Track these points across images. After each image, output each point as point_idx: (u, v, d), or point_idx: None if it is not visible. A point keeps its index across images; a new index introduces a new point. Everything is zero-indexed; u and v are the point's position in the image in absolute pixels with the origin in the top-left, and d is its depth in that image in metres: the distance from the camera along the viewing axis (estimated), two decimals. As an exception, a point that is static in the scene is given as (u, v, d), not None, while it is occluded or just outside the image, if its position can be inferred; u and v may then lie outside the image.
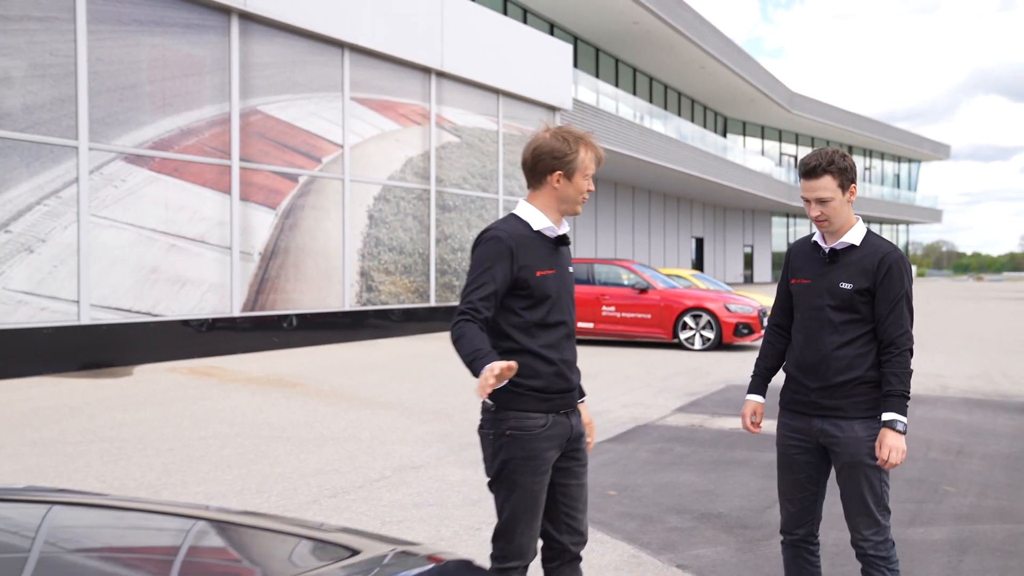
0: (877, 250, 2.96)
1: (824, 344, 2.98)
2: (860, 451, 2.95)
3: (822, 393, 3.00)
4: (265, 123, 12.95)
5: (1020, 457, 6.49)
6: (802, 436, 3.09)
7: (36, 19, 10.05)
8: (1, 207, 9.74)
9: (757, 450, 6.60)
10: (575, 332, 2.88)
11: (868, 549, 3.00)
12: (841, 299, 2.95)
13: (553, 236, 2.80)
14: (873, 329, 2.96)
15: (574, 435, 2.83)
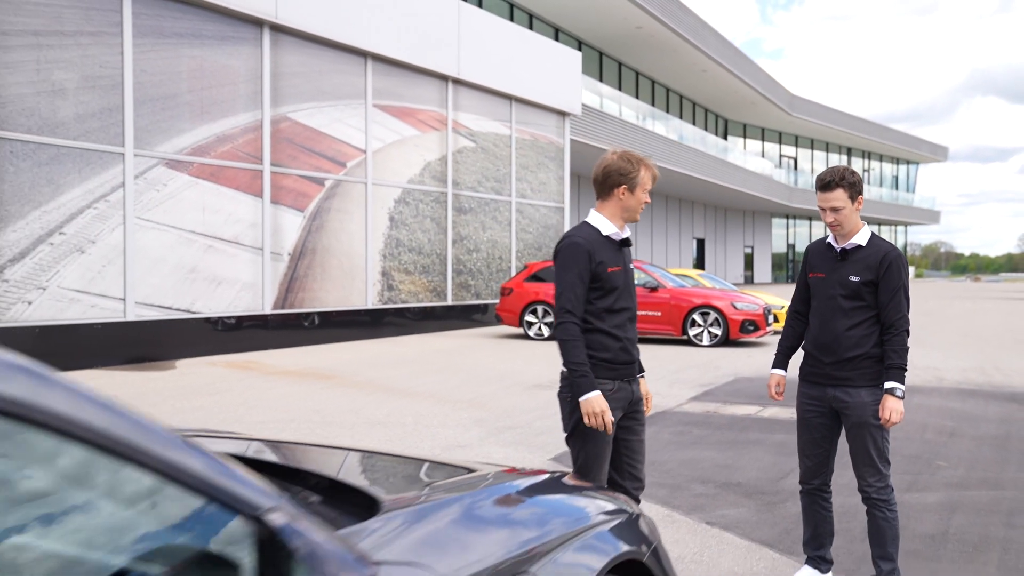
0: (879, 249, 3.61)
1: (837, 326, 3.63)
2: (866, 413, 3.60)
3: (835, 366, 3.64)
4: (294, 129, 13.60)
5: (1006, 438, 7.14)
6: (818, 402, 3.74)
7: (88, 34, 10.70)
8: (56, 210, 10.39)
9: (768, 432, 7.25)
10: (636, 317, 3.53)
11: (872, 493, 3.65)
12: (850, 290, 3.60)
13: (618, 239, 3.45)
14: (877, 314, 3.61)
15: (634, 399, 3.49)
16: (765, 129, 55.56)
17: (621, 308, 3.42)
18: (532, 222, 19.62)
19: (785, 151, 57.96)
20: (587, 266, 3.35)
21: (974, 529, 4.71)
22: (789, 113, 49.24)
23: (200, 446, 1.43)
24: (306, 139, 13.84)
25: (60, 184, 10.45)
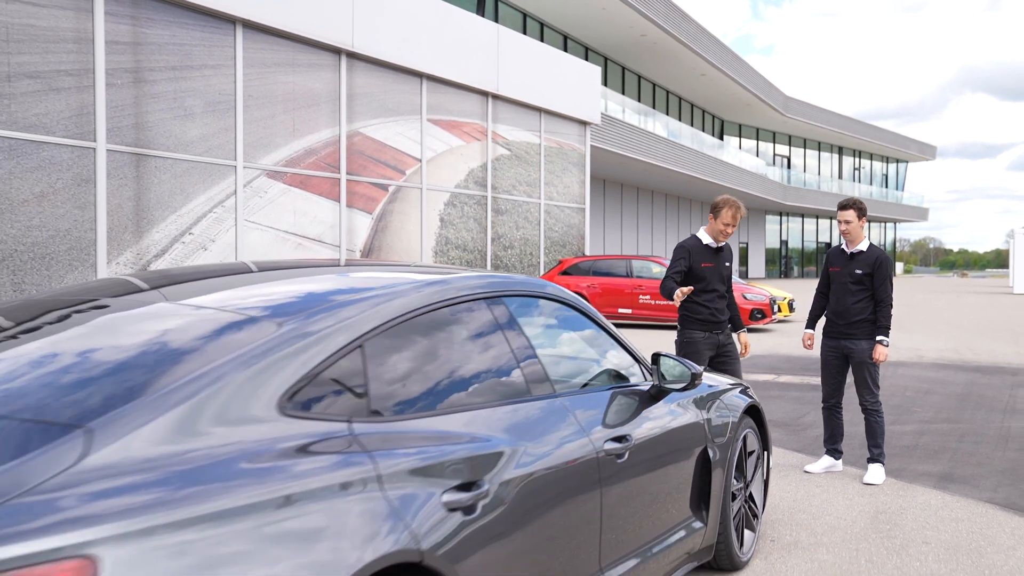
0: (874, 253, 5.76)
1: (847, 301, 5.76)
2: (865, 355, 5.73)
3: (845, 326, 5.77)
4: (364, 142, 15.67)
5: (966, 395, 9.30)
6: (835, 349, 5.86)
7: (210, 66, 12.76)
8: (187, 215, 12.45)
9: (784, 391, 9.39)
10: (725, 295, 5.67)
11: (868, 406, 5.77)
12: (856, 279, 5.73)
13: (712, 247, 5.60)
14: (872, 294, 5.74)
15: (720, 344, 5.64)
16: (760, 129, 57.72)
17: (710, 290, 5.62)
18: (557, 222, 21.74)
19: (779, 150, 60.17)
20: (686, 260, 5.60)
21: (935, 444, 6.86)
22: (783, 114, 51.39)
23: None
24: (374, 150, 15.91)
25: (189, 193, 12.51)
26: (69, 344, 2.24)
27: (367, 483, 1.96)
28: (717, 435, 3.83)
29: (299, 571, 1.72)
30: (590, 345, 3.36)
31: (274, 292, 2.61)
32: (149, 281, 2.90)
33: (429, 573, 2.03)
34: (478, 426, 2.43)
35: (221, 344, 2.08)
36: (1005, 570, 4.09)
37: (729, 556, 3.96)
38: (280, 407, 1.99)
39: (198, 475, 1.73)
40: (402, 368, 2.38)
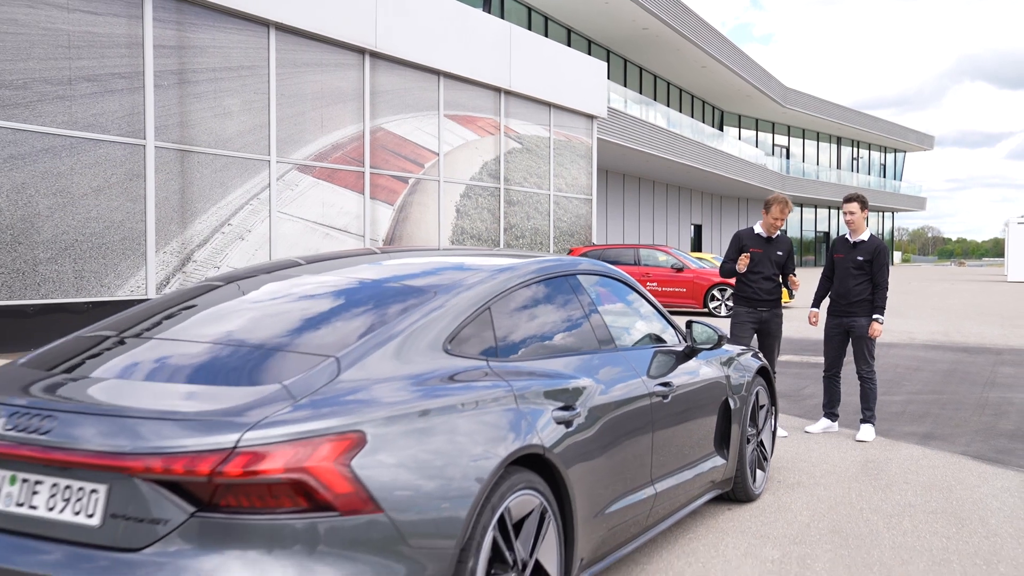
0: (874, 242, 6.61)
1: (850, 284, 6.60)
2: (863, 330, 6.58)
3: (847, 306, 6.61)
4: (386, 137, 16.51)
5: (952, 372, 10.19)
6: (837, 325, 6.69)
7: (247, 68, 13.59)
8: (226, 207, 13.30)
9: (785, 368, 10.26)
10: (773, 278, 6.57)
11: (864, 374, 6.63)
12: (858, 264, 6.58)
13: (763, 236, 6.55)
14: (870, 278, 6.59)
15: (763, 320, 6.57)
16: (759, 120, 58.45)
17: (756, 271, 6.58)
18: (566, 212, 22.60)
19: (778, 140, 60.95)
20: (738, 246, 6.62)
21: (920, 410, 7.75)
22: (782, 105, 52.14)
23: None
24: (395, 145, 16.75)
25: (228, 186, 13.36)
26: (300, 301, 3.13)
27: (509, 399, 2.84)
28: (736, 389, 4.71)
29: (475, 447, 2.59)
30: (638, 313, 4.24)
31: (418, 270, 3.48)
32: (321, 261, 3.79)
33: (545, 463, 2.90)
34: (570, 368, 3.31)
35: (402, 305, 2.96)
36: (969, 502, 4.98)
37: (744, 489, 4.84)
38: (443, 348, 2.87)
39: (405, 386, 2.60)
40: (515, 325, 3.26)
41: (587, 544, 3.18)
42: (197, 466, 2.20)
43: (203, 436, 2.24)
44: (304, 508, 2.25)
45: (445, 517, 2.46)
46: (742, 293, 6.66)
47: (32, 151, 10.74)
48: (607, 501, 3.33)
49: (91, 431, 2.33)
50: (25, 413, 2.44)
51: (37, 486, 2.38)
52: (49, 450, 2.33)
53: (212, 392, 2.47)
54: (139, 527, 2.25)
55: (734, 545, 4.21)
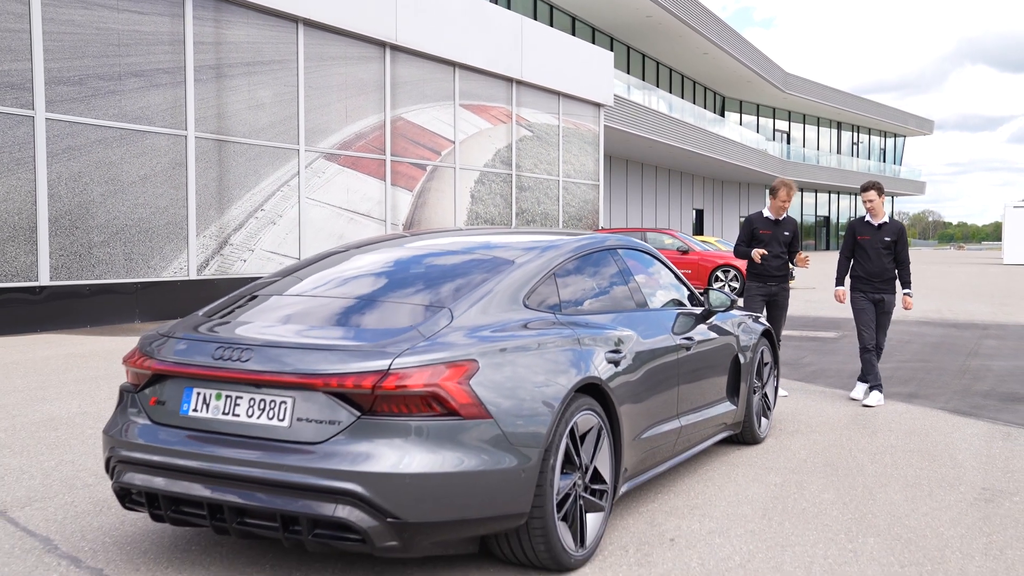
0: (896, 223, 7.30)
1: (882, 263, 7.24)
2: (892, 306, 7.30)
3: (880, 283, 7.25)
4: (406, 127, 17.33)
5: (940, 344, 11.05)
6: (868, 300, 7.32)
7: (277, 62, 14.39)
8: (259, 193, 14.14)
9: (787, 342, 11.12)
10: (781, 256, 7.36)
11: (883, 346, 7.37)
12: (886, 245, 7.25)
13: (772, 219, 7.36)
14: (896, 257, 7.29)
15: (772, 294, 7.40)
16: (760, 105, 59.10)
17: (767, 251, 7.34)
18: (574, 197, 23.42)
19: (779, 125, 61.64)
20: (749, 228, 7.42)
21: (907, 376, 8.61)
22: (783, 90, 52.80)
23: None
24: (414, 134, 17.57)
25: (261, 174, 14.20)
26: (415, 265, 4.01)
27: (573, 341, 3.70)
28: (744, 347, 5.57)
29: (553, 375, 3.45)
30: (664, 280, 5.09)
31: (497, 243, 4.34)
32: (422, 236, 4.67)
33: (600, 391, 3.76)
34: (616, 322, 4.17)
35: (492, 269, 3.82)
36: (942, 444, 5.85)
37: (751, 433, 5.71)
38: (523, 302, 3.73)
39: (501, 328, 3.47)
40: (572, 286, 4.13)
41: (630, 459, 4.05)
42: (362, 383, 3.07)
43: (365, 362, 3.10)
44: (436, 413, 3.11)
45: (534, 424, 3.32)
46: (754, 270, 7.48)
47: (87, 142, 11.57)
48: (645, 427, 4.20)
49: (281, 359, 3.19)
50: (228, 347, 3.30)
51: (238, 400, 3.24)
52: (251, 373, 3.19)
53: (366, 332, 3.35)
54: (319, 427, 3.11)
55: (743, 474, 5.08)
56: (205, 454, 3.21)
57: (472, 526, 3.20)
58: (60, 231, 11.32)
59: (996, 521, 4.27)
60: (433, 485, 3.06)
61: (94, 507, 4.31)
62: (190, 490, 3.22)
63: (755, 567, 3.64)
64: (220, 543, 3.83)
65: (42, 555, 3.68)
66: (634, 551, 3.81)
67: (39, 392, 7.19)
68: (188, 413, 3.34)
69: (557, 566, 3.47)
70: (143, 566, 3.57)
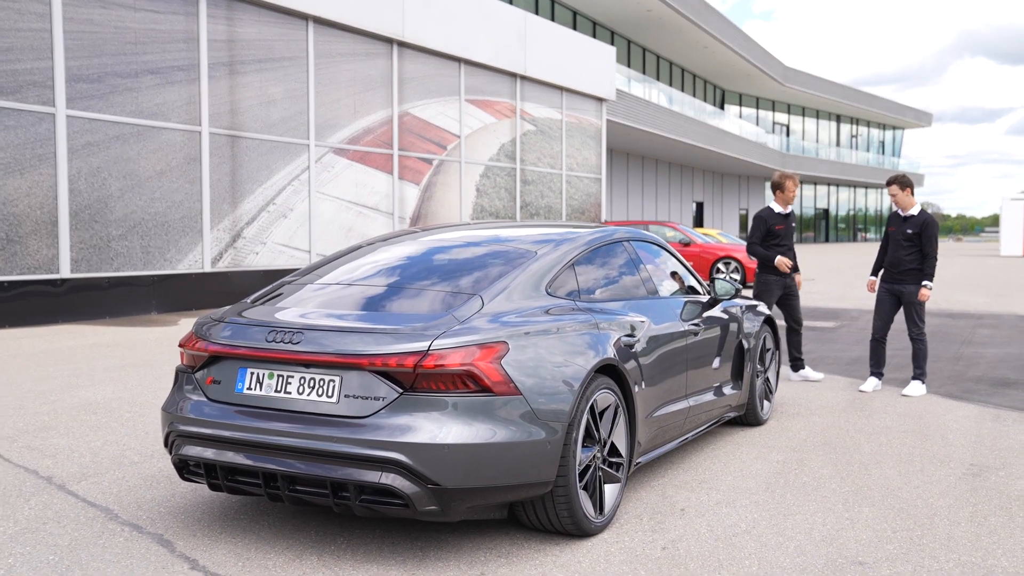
0: (923, 215, 7.40)
1: (901, 254, 7.43)
2: (913, 296, 7.49)
3: (899, 274, 7.48)
4: (412, 122, 17.63)
5: (935, 333, 11.37)
6: (888, 290, 7.57)
7: (287, 59, 14.69)
8: (270, 187, 14.44)
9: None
10: (792, 247, 7.67)
11: (915, 336, 7.53)
12: (908, 237, 7.41)
13: (781, 214, 7.65)
14: (920, 248, 7.47)
15: (787, 285, 7.72)
16: (760, 98, 59.35)
17: (781, 244, 7.70)
18: (577, 191, 23.73)
19: (778, 118, 61.90)
20: (763, 225, 7.67)
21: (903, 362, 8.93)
22: (782, 84, 53.06)
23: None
24: (420, 129, 17.87)
25: (272, 168, 14.50)
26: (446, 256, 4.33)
27: (592, 326, 4.03)
28: (748, 333, 5.90)
29: (575, 356, 3.78)
30: (672, 270, 5.42)
31: (517, 236, 4.66)
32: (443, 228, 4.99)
33: (617, 372, 4.08)
34: (630, 308, 4.49)
35: (517, 259, 4.15)
36: (934, 425, 6.18)
37: (755, 414, 6.04)
38: (544, 290, 4.05)
39: (527, 313, 3.79)
40: (589, 275, 4.45)
41: (644, 435, 4.38)
42: (405, 362, 3.39)
43: (407, 343, 3.43)
44: (471, 390, 3.44)
45: (558, 401, 3.65)
46: (770, 263, 7.76)
47: (105, 138, 11.88)
48: (657, 406, 4.53)
49: (329, 341, 3.51)
50: (279, 330, 3.63)
51: (289, 379, 3.56)
52: (302, 354, 3.51)
53: (405, 317, 3.67)
54: (364, 403, 3.43)
55: (747, 452, 5.42)
56: (260, 428, 3.53)
57: (503, 492, 3.53)
58: (80, 225, 11.63)
59: (982, 493, 4.60)
60: (469, 454, 3.39)
61: (144, 482, 4.64)
62: (246, 460, 3.55)
63: (759, 532, 3.97)
64: (267, 512, 4.16)
65: (106, 523, 4.01)
66: (648, 519, 4.14)
67: (72, 379, 7.51)
68: (243, 391, 3.66)
69: (579, 531, 3.80)
70: (199, 532, 3.90)
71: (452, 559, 3.62)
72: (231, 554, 3.64)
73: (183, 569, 3.48)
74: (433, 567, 3.53)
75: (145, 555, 3.62)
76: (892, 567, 3.59)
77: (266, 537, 3.85)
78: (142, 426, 5.87)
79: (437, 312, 3.68)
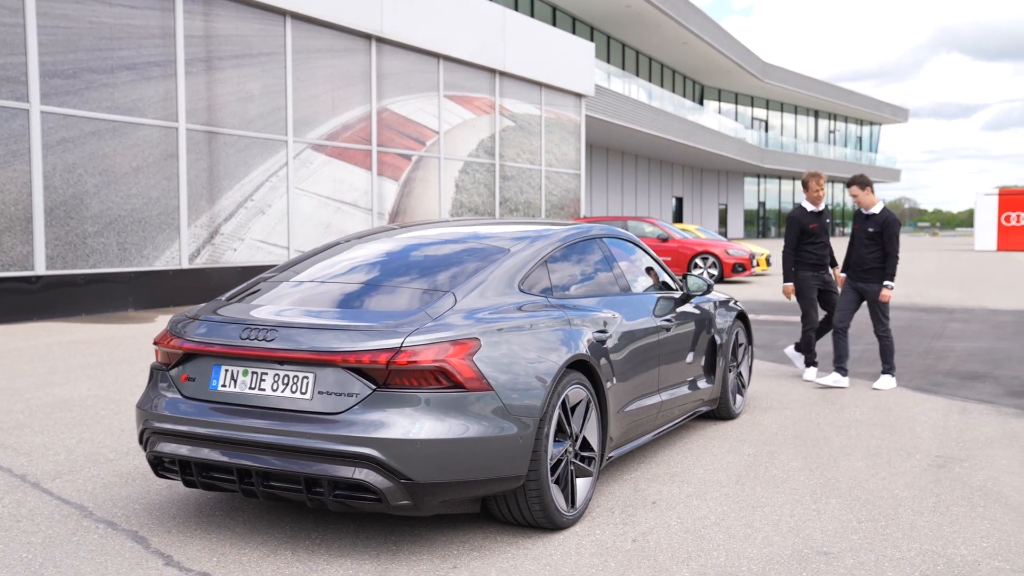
0: (884, 214, 7.47)
1: (863, 252, 7.50)
2: (875, 295, 7.53)
3: (862, 272, 7.55)
4: (391, 118, 17.62)
5: (908, 327, 11.52)
6: (852, 287, 7.61)
7: (265, 54, 14.65)
8: (248, 183, 14.41)
9: (761, 326, 11.56)
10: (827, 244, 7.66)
11: (880, 333, 7.63)
12: (869, 235, 7.48)
13: (813, 211, 7.65)
14: (883, 247, 7.55)
15: (825, 281, 7.70)
16: (739, 94, 59.64)
17: (816, 241, 7.67)
18: (556, 186, 23.79)
19: (757, 114, 62.23)
20: (796, 227, 7.66)
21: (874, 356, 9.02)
22: (761, 79, 53.34)
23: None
24: (399, 124, 17.87)
25: (250, 164, 14.47)
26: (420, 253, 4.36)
27: (565, 322, 4.08)
28: (721, 328, 5.98)
29: (547, 352, 3.83)
30: (645, 267, 5.48)
31: (492, 232, 4.70)
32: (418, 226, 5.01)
33: (589, 367, 4.14)
34: (602, 305, 4.55)
35: (490, 256, 4.19)
36: (903, 418, 6.29)
37: (727, 409, 6.13)
38: (517, 287, 4.10)
39: (499, 310, 3.84)
40: (562, 272, 4.51)
41: (616, 430, 4.44)
42: (377, 359, 3.43)
43: (380, 340, 3.47)
44: (444, 386, 3.48)
45: (530, 397, 3.70)
46: (807, 260, 7.72)
47: (81, 134, 11.81)
48: (629, 400, 4.60)
49: (303, 338, 3.55)
50: (253, 328, 3.66)
51: (264, 376, 3.60)
52: (276, 351, 3.55)
53: (378, 314, 3.71)
54: (338, 399, 3.47)
55: (719, 445, 5.50)
56: (234, 424, 3.57)
57: (476, 487, 3.58)
58: (55, 222, 11.57)
59: (946, 484, 4.70)
60: (441, 449, 3.44)
61: (120, 479, 4.66)
62: (220, 457, 3.58)
63: (728, 524, 4.05)
64: (242, 508, 4.20)
65: (80, 520, 4.03)
66: (619, 512, 4.21)
67: (48, 377, 7.50)
68: (217, 388, 3.69)
69: (551, 524, 3.86)
70: (174, 528, 3.93)
71: (425, 553, 3.67)
72: (206, 549, 3.68)
73: (157, 565, 3.52)
74: (406, 561, 3.58)
75: (119, 551, 3.65)
76: (856, 557, 3.67)
77: (241, 532, 3.88)
78: (118, 423, 5.87)
79: (410, 309, 3.72)
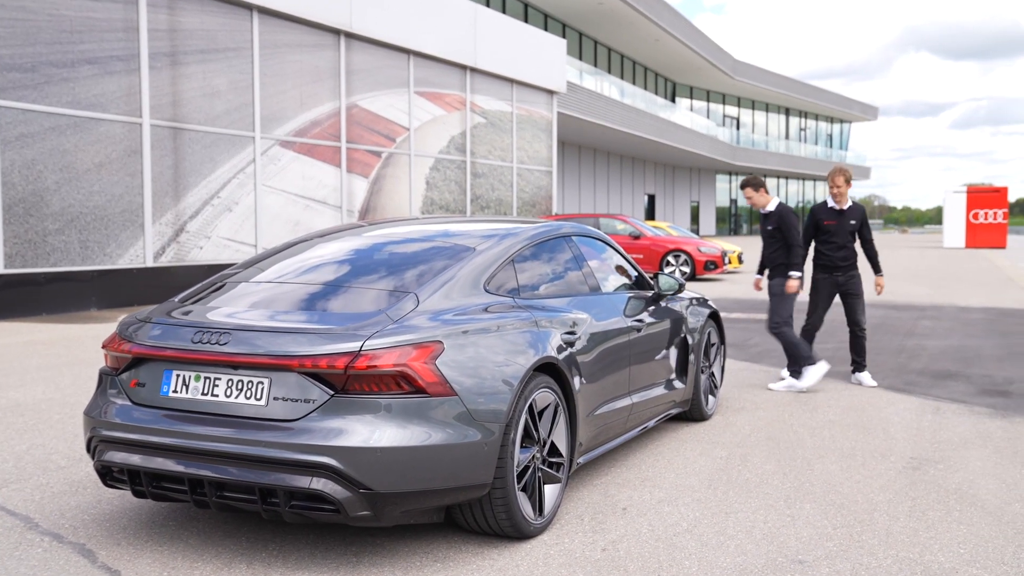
0: (778, 210, 7.43)
1: (767, 250, 7.60)
2: (778, 288, 7.61)
3: (773, 271, 7.65)
4: (361, 114, 17.40)
5: (880, 325, 11.52)
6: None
7: (232, 49, 14.38)
8: (215, 180, 14.15)
9: (734, 324, 11.50)
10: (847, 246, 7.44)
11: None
12: (769, 233, 7.52)
13: (835, 209, 7.44)
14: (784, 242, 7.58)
15: (839, 283, 7.48)
16: (710, 91, 59.82)
17: (831, 242, 7.46)
18: (528, 183, 23.66)
19: (728, 111, 62.46)
20: (813, 221, 7.50)
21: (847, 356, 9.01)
22: (732, 77, 53.52)
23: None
24: (369, 121, 17.65)
25: (217, 161, 14.21)
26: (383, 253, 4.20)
27: (531, 324, 3.95)
28: (692, 328, 5.87)
29: (513, 355, 3.69)
30: (616, 266, 5.36)
31: (458, 231, 4.56)
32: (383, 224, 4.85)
33: (557, 371, 4.01)
34: (571, 305, 4.42)
35: (454, 256, 4.05)
36: (876, 418, 6.22)
37: (699, 410, 6.02)
38: (483, 287, 3.96)
39: (464, 311, 3.70)
40: (530, 272, 4.37)
41: (585, 434, 4.31)
42: (335, 363, 3.28)
43: (338, 344, 3.32)
44: (405, 391, 3.34)
45: (495, 401, 3.56)
46: (820, 261, 7.56)
47: (40, 130, 11.52)
48: (598, 403, 4.47)
49: (258, 342, 3.38)
50: (205, 331, 3.49)
51: (216, 381, 3.43)
52: (229, 355, 3.38)
53: (337, 316, 3.56)
54: (294, 405, 3.32)
55: (691, 448, 5.39)
56: (186, 432, 3.40)
57: (439, 496, 3.44)
58: (14, 219, 11.27)
59: (921, 487, 4.62)
60: (402, 458, 3.29)
61: (70, 488, 4.47)
62: (171, 466, 3.41)
63: (700, 532, 3.94)
64: (195, 518, 4.03)
65: (24, 532, 3.84)
66: (589, 519, 4.08)
67: (2, 379, 7.25)
68: (168, 394, 3.52)
69: (517, 533, 3.73)
70: (123, 541, 3.75)
71: (387, 564, 3.52)
72: (156, 563, 3.51)
73: (104, 581, 3.34)
74: (367, 573, 3.43)
75: (64, 567, 3.47)
76: (831, 565, 3.57)
77: (194, 545, 3.71)
78: (72, 428, 5.67)
79: (370, 311, 3.57)
